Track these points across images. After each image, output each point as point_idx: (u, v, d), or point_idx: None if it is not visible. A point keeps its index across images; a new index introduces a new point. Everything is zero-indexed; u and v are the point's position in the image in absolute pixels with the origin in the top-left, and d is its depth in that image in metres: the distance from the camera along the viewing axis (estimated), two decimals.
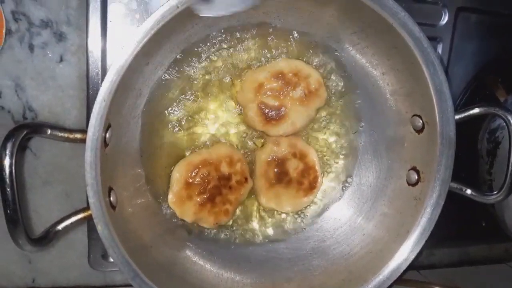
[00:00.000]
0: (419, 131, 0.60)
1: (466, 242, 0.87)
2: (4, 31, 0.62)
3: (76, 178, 0.66)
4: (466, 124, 0.59)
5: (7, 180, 0.41)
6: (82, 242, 0.67)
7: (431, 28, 0.74)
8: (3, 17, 0.61)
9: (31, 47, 0.62)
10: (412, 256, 0.59)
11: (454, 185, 0.60)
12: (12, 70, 0.62)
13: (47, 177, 0.66)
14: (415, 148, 0.62)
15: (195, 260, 0.64)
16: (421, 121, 0.60)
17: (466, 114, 0.59)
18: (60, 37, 0.63)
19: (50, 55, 0.63)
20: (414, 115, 0.61)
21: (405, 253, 0.59)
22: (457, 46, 0.77)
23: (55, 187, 0.66)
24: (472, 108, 0.59)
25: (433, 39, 0.74)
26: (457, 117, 0.57)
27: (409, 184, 0.62)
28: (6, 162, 0.41)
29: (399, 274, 0.59)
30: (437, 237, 0.59)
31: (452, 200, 0.59)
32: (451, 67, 0.78)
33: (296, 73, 0.62)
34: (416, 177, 0.61)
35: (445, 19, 0.75)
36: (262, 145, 0.66)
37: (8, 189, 0.41)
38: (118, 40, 0.62)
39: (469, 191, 0.61)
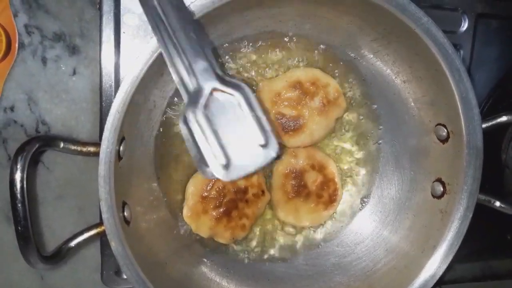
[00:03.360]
0: (444, 141, 0.58)
1: (489, 256, 0.84)
2: (17, 44, 0.62)
3: (89, 192, 0.65)
4: (488, 134, 0.56)
5: (18, 196, 0.39)
6: (95, 258, 0.65)
7: (451, 35, 0.72)
8: (16, 30, 0.61)
9: (44, 60, 0.62)
10: (440, 272, 0.56)
11: (482, 197, 0.57)
12: (25, 84, 0.62)
13: (60, 191, 0.65)
14: (440, 159, 0.59)
15: (211, 277, 0.62)
16: (445, 131, 0.58)
17: (494, 122, 0.57)
18: (73, 50, 0.63)
19: (63, 68, 0.63)
20: (438, 124, 0.59)
21: (432, 269, 0.56)
22: (478, 53, 0.75)
23: (68, 201, 0.65)
24: (500, 116, 0.57)
25: (453, 46, 0.72)
26: (483, 125, 0.55)
27: (434, 196, 0.60)
28: (17, 176, 0.40)
29: None
30: (459, 251, 0.56)
31: (475, 213, 0.57)
32: (472, 74, 0.76)
33: (314, 82, 0.60)
34: (442, 189, 0.59)
35: (465, 25, 0.73)
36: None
37: (19, 205, 0.39)
38: (131, 52, 0.61)
39: (498, 203, 0.59)
